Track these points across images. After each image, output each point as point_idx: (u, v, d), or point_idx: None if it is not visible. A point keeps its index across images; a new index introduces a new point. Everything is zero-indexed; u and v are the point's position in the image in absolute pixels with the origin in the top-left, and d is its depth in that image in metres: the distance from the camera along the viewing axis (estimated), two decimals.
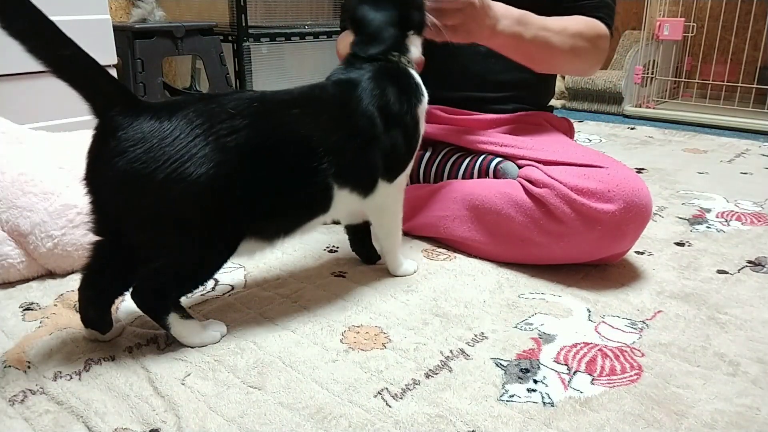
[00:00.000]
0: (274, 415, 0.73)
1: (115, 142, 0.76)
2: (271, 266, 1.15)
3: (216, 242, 0.83)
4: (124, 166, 0.75)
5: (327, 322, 0.94)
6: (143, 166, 0.75)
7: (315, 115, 0.90)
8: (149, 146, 0.75)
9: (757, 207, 1.48)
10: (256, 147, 0.82)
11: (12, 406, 0.75)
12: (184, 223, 0.79)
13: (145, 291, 0.83)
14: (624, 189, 1.02)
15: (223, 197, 0.80)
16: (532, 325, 0.94)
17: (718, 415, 0.74)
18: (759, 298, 1.03)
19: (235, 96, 0.85)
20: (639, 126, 2.47)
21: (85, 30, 1.69)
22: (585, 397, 0.77)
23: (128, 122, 0.76)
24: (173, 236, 0.80)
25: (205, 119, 0.79)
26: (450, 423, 0.72)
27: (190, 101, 0.81)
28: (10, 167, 1.08)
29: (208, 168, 0.77)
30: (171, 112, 0.79)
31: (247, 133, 0.81)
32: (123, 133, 0.76)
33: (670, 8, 2.66)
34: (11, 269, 1.06)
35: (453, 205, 1.18)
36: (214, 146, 0.78)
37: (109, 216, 0.82)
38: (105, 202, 0.81)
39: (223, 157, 0.79)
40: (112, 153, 0.76)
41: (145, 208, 0.78)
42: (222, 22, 2.43)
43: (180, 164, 0.76)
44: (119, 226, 0.82)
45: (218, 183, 0.78)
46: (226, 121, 0.80)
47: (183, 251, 0.81)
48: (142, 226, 0.80)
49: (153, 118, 0.77)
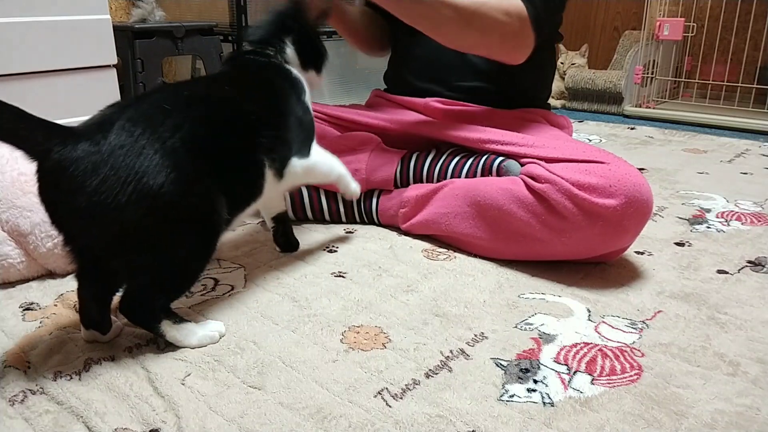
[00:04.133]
0: (274, 415, 0.73)
1: (68, 180, 0.73)
2: (271, 266, 1.15)
3: (195, 243, 0.83)
4: (85, 201, 0.73)
5: (327, 322, 0.94)
6: (104, 197, 0.73)
7: (245, 91, 0.94)
8: (103, 175, 0.73)
9: (757, 207, 1.48)
10: (202, 136, 0.82)
11: (12, 406, 0.75)
12: (160, 236, 0.79)
13: (132, 305, 0.83)
14: (625, 184, 1.02)
15: (191, 196, 0.80)
16: (532, 325, 0.94)
17: (718, 415, 0.74)
18: (759, 298, 1.03)
19: (163, 92, 0.86)
20: (639, 126, 2.47)
21: (85, 30, 1.69)
22: (585, 397, 0.77)
23: (72, 156, 0.73)
24: (151, 254, 0.79)
25: (144, 126, 0.77)
26: (450, 423, 0.72)
27: (117, 111, 0.79)
28: (10, 167, 1.08)
29: (166, 175, 0.76)
30: (107, 129, 0.75)
31: (191, 126, 0.81)
32: (73, 169, 0.72)
33: (670, 8, 2.66)
34: (11, 269, 1.06)
35: (455, 202, 1.19)
36: (163, 151, 0.76)
37: (83, 249, 0.81)
38: (76, 237, 0.79)
39: (175, 159, 0.77)
40: (69, 191, 0.73)
41: (119, 235, 0.76)
42: (222, 22, 2.43)
43: (137, 182, 0.74)
44: (94, 255, 0.81)
45: (181, 185, 0.77)
46: (165, 121, 0.79)
47: (164, 264, 0.81)
48: (119, 253, 0.79)
49: (94, 144, 0.74)
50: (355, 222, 1.36)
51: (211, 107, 0.88)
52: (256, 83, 1.00)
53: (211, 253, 0.86)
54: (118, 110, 0.80)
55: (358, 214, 1.35)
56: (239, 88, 0.96)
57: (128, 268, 0.81)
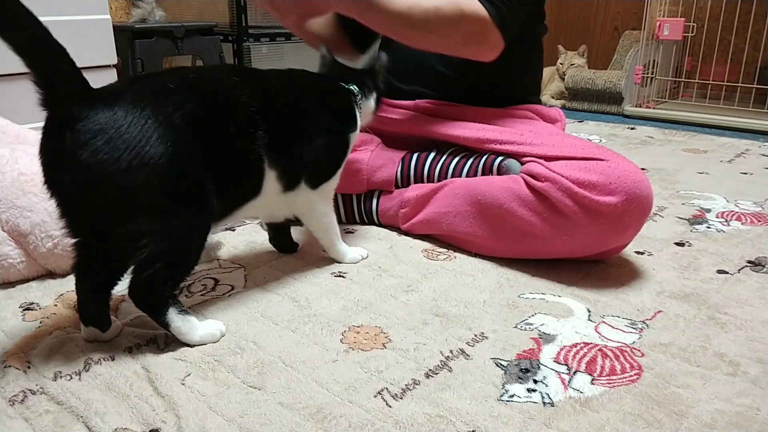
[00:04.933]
0: (274, 415, 0.73)
1: (75, 135, 0.74)
2: (271, 266, 1.15)
3: (191, 219, 0.84)
4: (89, 158, 0.74)
5: (327, 322, 0.94)
6: (107, 157, 0.74)
7: (255, 85, 0.94)
8: (109, 136, 0.75)
9: (757, 207, 1.48)
10: (201, 116, 0.83)
11: (12, 406, 0.75)
12: (156, 206, 0.80)
13: (140, 286, 0.83)
14: (625, 181, 1.02)
15: (188, 171, 0.81)
16: (532, 325, 0.94)
17: (718, 415, 0.74)
18: (759, 298, 1.03)
19: (171, 72, 0.88)
20: (639, 126, 2.48)
21: (85, 30, 1.69)
22: (585, 397, 0.77)
23: (85, 113, 0.75)
24: (148, 222, 0.80)
25: (150, 99, 0.79)
26: (450, 423, 0.72)
27: (130, 82, 0.82)
28: (10, 167, 1.08)
29: (165, 147, 0.78)
30: (117, 97, 0.78)
31: (192, 106, 0.82)
32: (82, 125, 0.74)
33: (670, 8, 2.66)
34: (11, 269, 1.06)
35: (455, 201, 1.19)
36: (165, 125, 0.79)
37: (82, 216, 0.81)
38: (73, 201, 0.80)
39: (176, 134, 0.79)
40: (73, 147, 0.74)
41: (116, 199, 0.78)
42: (222, 22, 2.44)
43: (140, 149, 0.76)
44: (93, 224, 0.81)
45: (178, 159, 0.79)
46: (170, 97, 0.81)
47: (162, 235, 0.81)
48: (117, 219, 0.79)
49: (106, 107, 0.76)
50: (355, 222, 1.36)
51: (212, 91, 0.88)
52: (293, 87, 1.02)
53: (207, 230, 0.86)
54: (129, 82, 0.82)
55: (358, 215, 1.35)
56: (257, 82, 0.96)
57: (127, 238, 0.80)
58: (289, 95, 1.00)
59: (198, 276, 1.10)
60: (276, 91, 0.98)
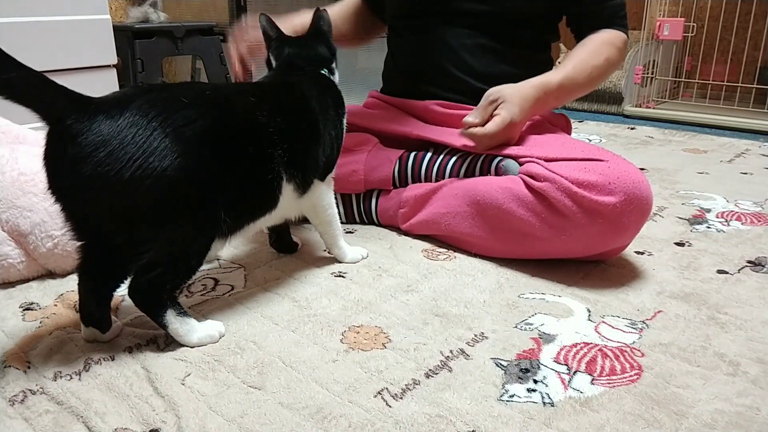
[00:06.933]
0: (274, 415, 0.73)
1: (76, 149, 0.74)
2: (271, 266, 1.15)
3: (194, 230, 0.83)
4: (90, 171, 0.74)
5: (327, 322, 0.94)
6: (108, 169, 0.74)
7: (272, 104, 0.94)
8: (111, 148, 0.75)
9: (757, 207, 1.48)
10: (214, 134, 0.83)
11: (12, 406, 0.75)
12: (160, 216, 0.80)
13: (140, 286, 0.83)
14: (624, 181, 1.02)
15: (192, 185, 0.81)
16: (532, 325, 0.94)
17: (718, 415, 0.74)
18: (759, 298, 1.03)
19: (185, 86, 0.87)
20: (639, 126, 2.47)
21: (85, 30, 1.69)
22: (585, 397, 0.77)
23: (86, 127, 0.75)
24: (151, 231, 0.80)
25: (160, 110, 0.79)
26: (450, 423, 0.72)
27: (140, 92, 0.81)
28: (10, 167, 1.08)
29: (171, 159, 0.77)
30: (124, 107, 0.77)
31: (206, 123, 0.82)
32: (83, 138, 0.74)
33: (670, 8, 2.66)
34: (11, 269, 1.06)
35: (454, 201, 1.18)
36: (173, 137, 0.78)
37: (85, 222, 0.81)
38: (77, 210, 0.80)
39: (184, 147, 0.79)
40: (75, 159, 0.74)
41: (119, 208, 0.78)
42: (222, 22, 2.44)
43: (144, 160, 0.76)
44: (95, 230, 0.81)
45: (184, 172, 0.79)
46: (180, 110, 0.80)
47: (164, 243, 0.81)
48: (119, 227, 0.80)
49: (108, 118, 0.76)
50: (355, 222, 1.36)
51: (228, 111, 0.88)
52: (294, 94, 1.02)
53: (211, 238, 0.86)
54: (138, 92, 0.81)
55: (357, 214, 1.35)
56: (268, 96, 0.96)
57: (131, 245, 0.81)
58: (301, 108, 1.00)
59: (198, 276, 1.10)
60: (290, 108, 0.98)
